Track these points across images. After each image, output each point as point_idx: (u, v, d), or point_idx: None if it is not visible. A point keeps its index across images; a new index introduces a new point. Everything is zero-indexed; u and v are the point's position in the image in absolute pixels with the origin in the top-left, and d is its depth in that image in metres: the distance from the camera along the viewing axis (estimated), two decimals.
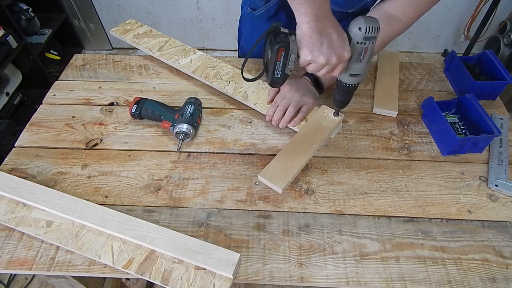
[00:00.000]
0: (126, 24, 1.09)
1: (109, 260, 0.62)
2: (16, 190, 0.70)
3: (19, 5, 2.02)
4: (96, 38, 2.60)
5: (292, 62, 0.63)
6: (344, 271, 0.63)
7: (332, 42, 0.61)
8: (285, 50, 0.61)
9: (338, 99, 0.75)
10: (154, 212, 0.71)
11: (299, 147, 0.77)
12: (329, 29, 0.61)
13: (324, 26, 0.60)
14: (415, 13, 0.79)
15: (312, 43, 0.61)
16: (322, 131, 0.80)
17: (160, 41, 1.05)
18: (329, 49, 0.61)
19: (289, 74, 0.66)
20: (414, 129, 0.87)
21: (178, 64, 0.98)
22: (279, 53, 0.61)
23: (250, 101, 0.89)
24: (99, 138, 0.84)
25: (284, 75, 0.65)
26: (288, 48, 0.61)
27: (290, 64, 0.63)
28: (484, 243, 0.67)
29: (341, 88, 0.71)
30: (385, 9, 0.80)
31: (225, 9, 2.38)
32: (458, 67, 0.95)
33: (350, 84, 0.69)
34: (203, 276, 0.60)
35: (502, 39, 2.27)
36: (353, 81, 0.68)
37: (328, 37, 0.61)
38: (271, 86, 0.69)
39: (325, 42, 0.61)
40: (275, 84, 0.67)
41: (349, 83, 0.69)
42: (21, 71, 2.04)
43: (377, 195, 0.74)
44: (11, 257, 0.64)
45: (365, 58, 0.64)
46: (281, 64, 0.63)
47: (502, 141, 0.83)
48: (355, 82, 0.69)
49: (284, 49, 0.61)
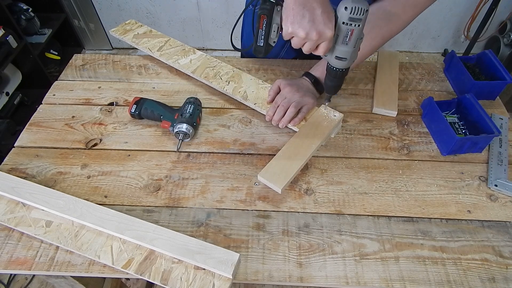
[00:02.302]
0: (126, 24, 1.09)
1: (109, 260, 0.62)
2: (16, 190, 0.70)
3: (19, 5, 2.02)
4: (96, 38, 2.60)
5: (275, 32, 0.63)
6: (344, 271, 0.63)
7: (314, 17, 0.60)
8: (267, 18, 0.61)
9: (328, 84, 0.74)
10: (154, 212, 0.71)
11: (299, 147, 0.77)
12: (313, 4, 0.59)
13: (308, 0, 0.59)
14: (414, 11, 0.79)
15: (294, 15, 0.60)
16: (321, 130, 0.80)
17: (160, 41, 1.05)
18: (310, 23, 0.60)
19: (272, 45, 0.66)
20: (413, 129, 0.87)
21: (178, 64, 0.98)
22: (261, 20, 0.62)
23: (250, 101, 0.89)
24: (99, 138, 0.84)
25: (267, 45, 0.65)
26: (270, 16, 0.61)
27: (273, 34, 0.64)
28: (484, 243, 0.67)
29: (330, 72, 0.70)
30: (384, 7, 0.80)
31: (225, 9, 2.38)
32: (458, 67, 0.95)
33: (337, 68, 0.68)
34: (203, 276, 0.60)
35: (502, 39, 2.27)
36: (340, 65, 0.67)
37: (310, 11, 0.59)
38: (255, 55, 0.69)
39: (307, 15, 0.59)
40: (258, 53, 0.67)
41: (337, 67, 0.68)
42: (21, 71, 2.05)
43: (376, 195, 0.74)
44: (10, 257, 0.64)
45: (351, 41, 0.62)
46: (263, 32, 0.63)
47: (501, 141, 0.83)
48: (342, 66, 0.67)
49: (265, 16, 0.61)
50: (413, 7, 0.78)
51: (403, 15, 0.79)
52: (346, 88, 0.96)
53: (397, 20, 0.80)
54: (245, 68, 1.01)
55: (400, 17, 0.79)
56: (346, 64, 0.67)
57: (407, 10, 0.79)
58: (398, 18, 0.80)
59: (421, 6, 0.78)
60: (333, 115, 0.83)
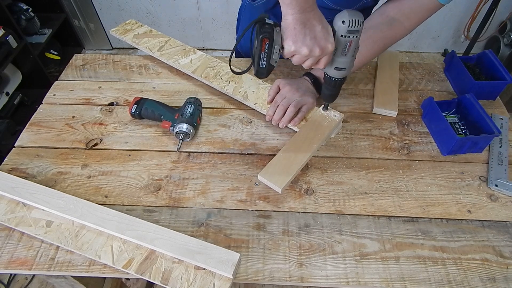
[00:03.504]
0: (126, 24, 1.09)
1: (109, 260, 0.62)
2: (16, 190, 0.70)
3: (19, 5, 2.02)
4: (96, 38, 2.60)
5: (277, 53, 0.64)
6: (344, 271, 0.63)
7: (316, 34, 0.61)
8: (269, 41, 0.62)
9: (326, 93, 0.76)
10: (154, 212, 0.71)
11: (299, 147, 0.77)
12: (313, 21, 0.61)
13: (308, 18, 0.61)
14: (417, 19, 0.80)
15: (296, 34, 0.62)
16: (322, 131, 0.80)
17: (160, 41, 1.05)
18: (312, 40, 0.62)
19: (274, 65, 0.67)
20: (414, 129, 0.87)
21: (178, 64, 0.98)
22: (263, 44, 0.62)
23: (250, 101, 0.89)
24: (99, 138, 0.84)
25: (269, 66, 0.66)
26: (272, 39, 0.62)
27: (275, 55, 0.65)
28: (484, 243, 0.67)
29: (328, 82, 0.72)
30: (387, 13, 0.81)
31: (225, 9, 2.38)
32: (458, 67, 0.95)
33: (336, 78, 0.70)
34: (203, 276, 0.60)
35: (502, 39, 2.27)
36: (339, 75, 0.69)
37: (311, 29, 0.61)
38: (257, 77, 0.70)
39: (308, 33, 0.61)
40: (261, 74, 0.68)
41: (335, 77, 0.70)
42: (21, 71, 2.04)
43: (377, 195, 0.74)
44: (11, 257, 0.64)
45: (349, 52, 0.65)
46: (265, 54, 0.64)
47: (502, 141, 0.83)
48: (340, 76, 0.70)
49: (268, 39, 0.62)
50: (416, 15, 0.79)
51: (406, 23, 0.80)
52: (346, 88, 0.97)
53: (400, 27, 0.80)
54: (239, 67, 1.01)
55: (403, 24, 0.80)
56: (345, 73, 0.69)
57: (410, 18, 0.79)
58: (400, 25, 0.80)
59: (423, 15, 0.79)
60: (334, 115, 0.83)
